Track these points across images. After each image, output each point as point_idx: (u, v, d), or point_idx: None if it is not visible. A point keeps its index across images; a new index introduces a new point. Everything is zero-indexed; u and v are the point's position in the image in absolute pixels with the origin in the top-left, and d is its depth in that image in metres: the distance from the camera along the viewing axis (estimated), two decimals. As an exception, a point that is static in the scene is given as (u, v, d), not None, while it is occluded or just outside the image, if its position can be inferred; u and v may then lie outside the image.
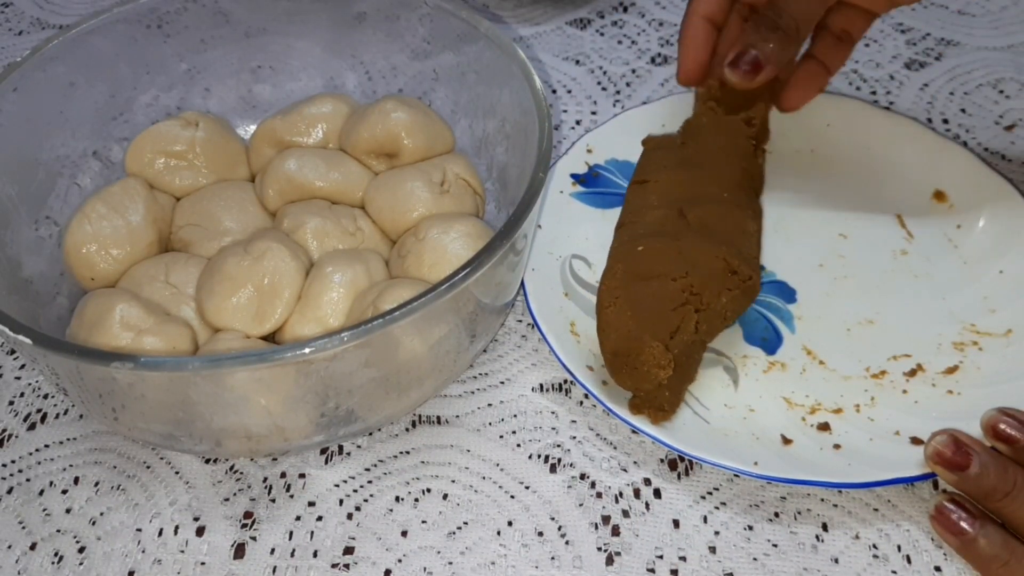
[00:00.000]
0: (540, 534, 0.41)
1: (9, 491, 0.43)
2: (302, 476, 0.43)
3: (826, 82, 0.50)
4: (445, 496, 0.42)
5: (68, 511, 0.42)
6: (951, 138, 0.55)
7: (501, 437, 0.44)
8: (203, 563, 0.40)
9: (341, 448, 0.44)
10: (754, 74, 0.43)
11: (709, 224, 0.45)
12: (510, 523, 0.41)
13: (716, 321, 0.43)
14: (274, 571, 0.40)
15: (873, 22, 0.49)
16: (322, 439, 0.40)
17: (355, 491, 0.42)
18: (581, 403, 0.45)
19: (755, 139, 0.51)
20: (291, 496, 0.42)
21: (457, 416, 0.45)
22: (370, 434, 0.44)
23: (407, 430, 0.44)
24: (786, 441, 0.42)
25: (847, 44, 0.50)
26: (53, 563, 0.40)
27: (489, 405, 0.45)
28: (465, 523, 0.41)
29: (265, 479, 0.43)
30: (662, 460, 0.43)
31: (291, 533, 0.41)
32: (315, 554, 0.40)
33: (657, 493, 0.42)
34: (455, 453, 0.43)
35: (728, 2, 0.48)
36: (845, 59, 0.50)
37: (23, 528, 0.41)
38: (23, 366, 0.48)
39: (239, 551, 0.40)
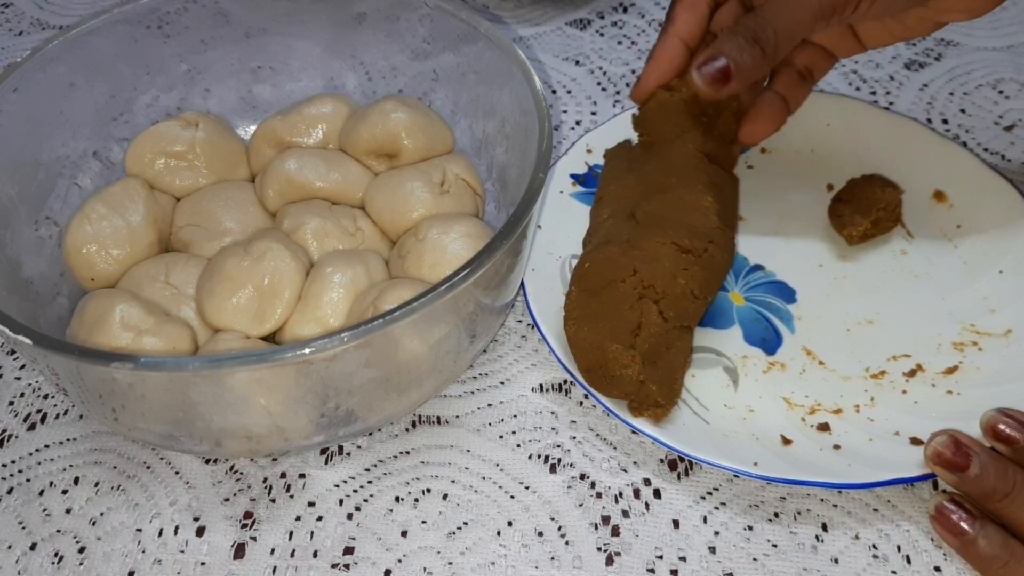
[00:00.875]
0: (540, 534, 0.41)
1: (9, 491, 0.43)
2: (302, 476, 0.43)
3: (785, 118, 0.48)
4: (445, 496, 0.42)
5: (68, 511, 0.42)
6: (951, 138, 0.55)
7: (501, 437, 0.44)
8: (203, 563, 0.40)
9: (341, 448, 0.44)
10: (722, 84, 0.40)
11: (657, 215, 0.45)
12: (510, 523, 0.41)
13: (684, 303, 0.42)
14: (274, 571, 0.40)
15: (832, 66, 0.49)
16: (322, 439, 0.40)
17: (355, 491, 0.42)
18: (581, 403, 0.45)
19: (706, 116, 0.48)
20: (291, 496, 0.42)
21: (457, 416, 0.45)
22: (370, 434, 0.44)
23: (407, 430, 0.44)
24: (786, 441, 0.42)
25: (808, 83, 0.49)
26: (53, 563, 0.40)
27: (489, 405, 0.45)
28: (465, 523, 0.41)
29: (265, 479, 0.43)
30: (662, 460, 0.43)
31: (291, 533, 0.41)
32: (315, 554, 0.40)
33: (657, 493, 0.42)
34: (455, 453, 0.43)
35: (707, 24, 0.47)
36: (805, 98, 0.49)
37: (23, 528, 0.41)
38: (23, 366, 0.48)
39: (239, 551, 0.40)
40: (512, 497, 0.42)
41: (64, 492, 0.43)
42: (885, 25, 0.45)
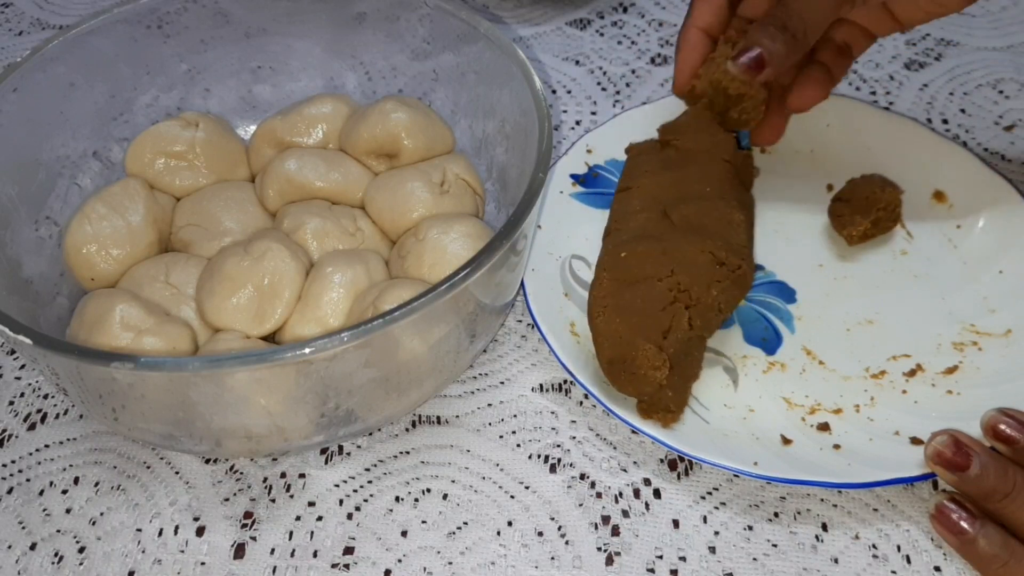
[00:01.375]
0: (540, 534, 0.41)
1: (9, 491, 0.43)
2: (302, 476, 0.43)
3: (831, 88, 0.50)
4: (445, 496, 0.42)
5: (68, 511, 0.42)
6: (951, 138, 0.55)
7: (501, 437, 0.44)
8: (203, 563, 0.40)
9: (341, 448, 0.44)
10: (757, 71, 0.44)
11: (693, 220, 0.45)
12: (510, 523, 0.41)
13: (710, 315, 0.43)
14: (274, 571, 0.40)
15: (872, 43, 0.50)
16: (322, 439, 0.40)
17: (355, 491, 0.42)
18: (581, 403, 0.45)
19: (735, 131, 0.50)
20: (291, 496, 0.42)
21: (457, 416, 0.45)
22: (370, 434, 0.44)
23: (407, 430, 0.44)
24: (786, 441, 0.42)
25: (848, 57, 0.50)
26: (53, 563, 0.40)
27: (489, 405, 0.45)
28: (465, 523, 0.41)
29: (265, 479, 0.43)
30: (662, 460, 0.43)
31: (291, 533, 0.41)
32: (315, 554, 0.40)
33: (657, 493, 0.42)
34: (455, 453, 0.43)
35: (726, 14, 0.48)
36: (846, 70, 0.50)
37: (23, 528, 0.41)
38: (23, 366, 0.48)
39: (239, 551, 0.40)
40: (512, 497, 0.42)
41: (64, 492, 0.43)
42: (917, 2, 0.46)
